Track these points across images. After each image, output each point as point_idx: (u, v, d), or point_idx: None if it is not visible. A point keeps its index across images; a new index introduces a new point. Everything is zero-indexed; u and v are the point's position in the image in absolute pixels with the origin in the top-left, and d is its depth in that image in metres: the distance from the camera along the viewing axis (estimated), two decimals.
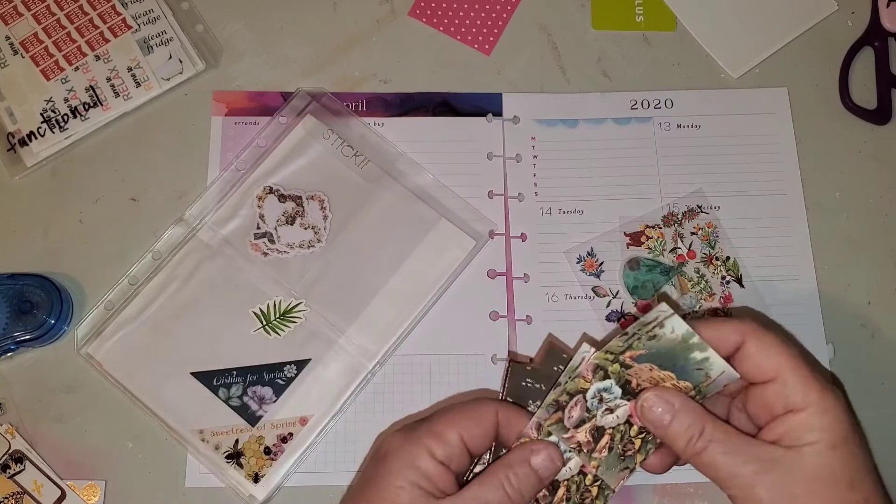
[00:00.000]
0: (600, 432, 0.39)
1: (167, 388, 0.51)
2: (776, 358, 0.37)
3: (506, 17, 0.60)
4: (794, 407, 0.36)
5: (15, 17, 0.57)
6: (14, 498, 0.49)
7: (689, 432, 0.36)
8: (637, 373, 0.38)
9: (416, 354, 0.52)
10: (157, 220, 0.54)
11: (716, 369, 0.38)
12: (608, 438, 0.39)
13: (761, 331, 0.37)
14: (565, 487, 0.39)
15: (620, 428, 0.39)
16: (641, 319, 0.38)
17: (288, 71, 0.58)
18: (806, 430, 0.35)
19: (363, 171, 0.55)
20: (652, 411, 0.37)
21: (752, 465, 0.35)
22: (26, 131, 0.55)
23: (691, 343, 0.37)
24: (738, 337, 0.37)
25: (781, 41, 0.59)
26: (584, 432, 0.39)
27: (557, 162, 0.56)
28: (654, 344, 0.38)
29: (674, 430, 0.37)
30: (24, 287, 0.51)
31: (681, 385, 0.38)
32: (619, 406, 0.39)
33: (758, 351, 0.37)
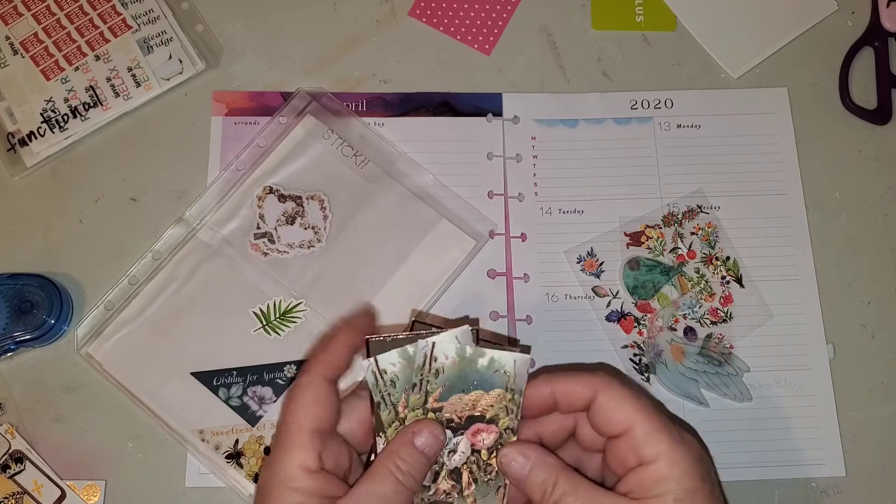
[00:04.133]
0: (457, 472, 0.39)
1: (167, 388, 0.51)
2: (627, 410, 0.37)
3: (506, 17, 0.60)
4: (644, 459, 0.36)
5: (15, 17, 0.57)
6: (14, 498, 0.49)
7: (543, 485, 0.37)
8: (451, 408, 0.39)
9: None
10: (157, 220, 0.54)
11: (508, 363, 0.38)
12: (467, 474, 0.39)
13: (612, 383, 0.38)
14: (467, 471, 0.40)
15: (472, 459, 0.39)
16: (416, 366, 0.38)
17: (288, 71, 0.58)
18: (655, 481, 0.35)
19: (363, 171, 0.55)
20: (511, 466, 0.38)
21: None
22: (26, 131, 0.55)
23: (469, 356, 0.38)
24: (589, 391, 0.38)
25: (781, 41, 0.59)
26: (445, 480, 0.39)
27: (557, 162, 0.56)
28: (444, 377, 0.38)
29: (531, 482, 0.37)
30: (24, 287, 0.51)
31: (493, 395, 0.38)
32: (458, 444, 0.39)
33: (609, 404, 0.37)
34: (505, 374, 0.38)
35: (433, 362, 0.38)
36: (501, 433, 0.39)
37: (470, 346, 0.38)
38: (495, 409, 0.39)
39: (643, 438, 0.36)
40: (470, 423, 0.39)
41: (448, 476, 0.39)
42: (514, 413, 0.39)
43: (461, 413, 0.39)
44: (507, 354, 0.38)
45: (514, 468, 0.38)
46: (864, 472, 0.51)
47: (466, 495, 0.39)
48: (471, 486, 0.39)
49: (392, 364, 0.38)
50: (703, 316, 0.53)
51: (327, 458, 0.37)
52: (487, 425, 0.39)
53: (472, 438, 0.39)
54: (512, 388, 0.38)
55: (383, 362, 0.38)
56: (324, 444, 0.37)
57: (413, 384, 0.39)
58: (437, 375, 0.38)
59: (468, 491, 0.39)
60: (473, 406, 0.39)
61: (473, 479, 0.39)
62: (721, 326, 0.53)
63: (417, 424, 0.39)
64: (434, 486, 0.39)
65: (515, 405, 0.39)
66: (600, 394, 0.37)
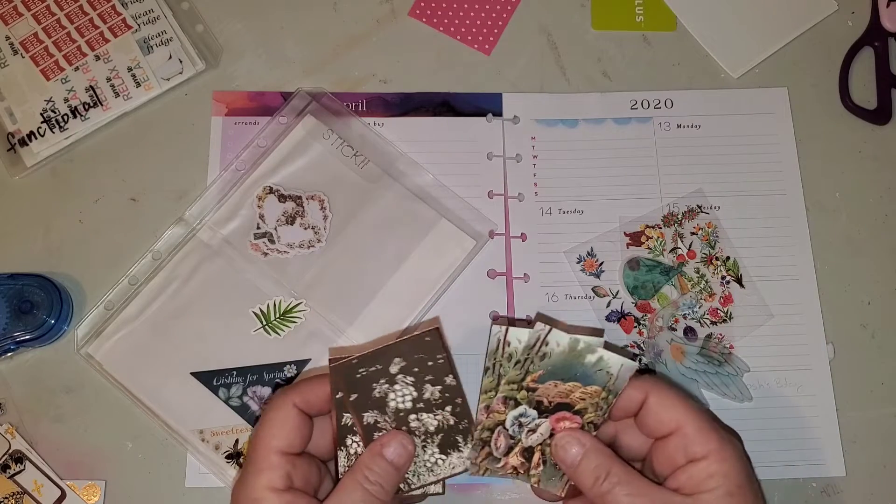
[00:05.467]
0: (530, 451, 0.41)
1: (167, 388, 0.51)
2: (676, 411, 0.39)
3: (506, 17, 0.60)
4: (694, 456, 0.38)
5: (15, 17, 0.57)
6: (14, 498, 0.49)
7: (596, 472, 0.38)
8: (544, 392, 0.40)
9: None
10: (157, 220, 0.54)
11: (614, 365, 0.39)
12: (539, 454, 0.41)
13: (662, 386, 0.40)
14: (539, 452, 0.41)
15: (547, 442, 0.40)
16: (525, 343, 0.39)
17: (288, 71, 0.58)
18: (705, 477, 0.37)
19: (363, 171, 0.55)
20: (564, 450, 0.39)
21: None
22: (26, 131, 0.55)
23: (580, 349, 0.39)
24: (640, 394, 0.39)
25: (781, 41, 0.59)
26: (515, 456, 0.40)
27: (557, 162, 0.56)
28: (549, 362, 0.39)
29: (582, 469, 0.38)
30: (24, 287, 0.51)
31: (589, 390, 0.39)
32: (539, 425, 0.40)
33: (659, 405, 0.39)
34: (607, 374, 0.39)
35: (544, 346, 0.39)
36: (584, 426, 0.40)
37: (583, 342, 0.39)
38: (586, 403, 0.40)
39: (693, 436, 0.38)
40: (558, 409, 0.40)
41: (520, 453, 0.40)
42: (602, 411, 0.40)
43: (552, 398, 0.40)
44: (615, 357, 0.39)
45: (568, 453, 0.39)
46: (864, 472, 0.51)
47: (532, 474, 0.41)
48: (539, 467, 0.40)
49: (518, 340, 0.39)
50: (703, 316, 0.53)
51: (296, 477, 0.38)
52: (573, 415, 0.40)
53: (555, 424, 0.40)
54: (609, 389, 0.39)
55: (511, 336, 0.39)
56: (292, 464, 0.39)
57: (517, 361, 0.39)
58: (543, 359, 0.39)
59: (535, 471, 0.41)
60: (567, 395, 0.40)
61: (543, 461, 0.40)
62: (721, 326, 0.53)
63: (386, 436, 0.40)
64: (504, 460, 0.40)
65: (606, 405, 0.40)
66: (651, 395, 0.39)
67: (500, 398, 0.40)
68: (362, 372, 0.40)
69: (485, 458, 0.41)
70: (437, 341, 0.40)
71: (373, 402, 0.40)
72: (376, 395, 0.40)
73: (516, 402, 0.40)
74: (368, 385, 0.40)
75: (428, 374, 0.40)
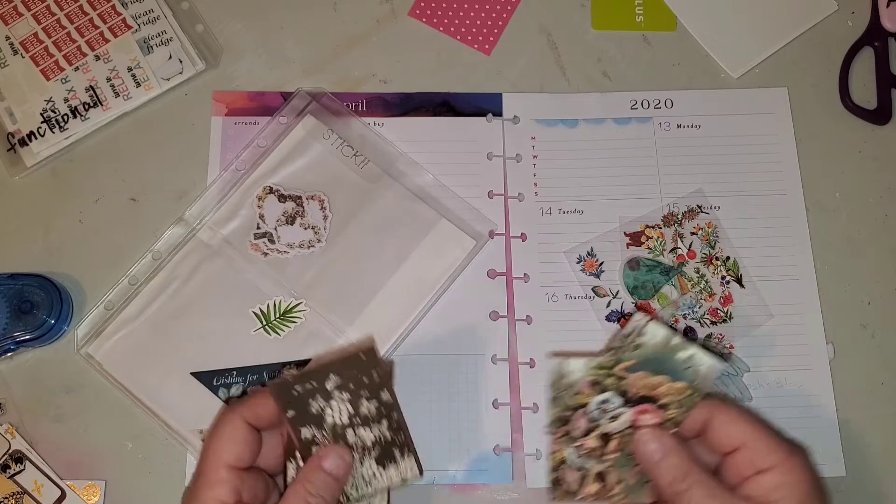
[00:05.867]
0: (607, 437, 0.41)
1: (167, 388, 0.51)
2: (742, 426, 0.39)
3: (506, 17, 0.60)
4: (762, 468, 0.38)
5: (15, 17, 0.57)
6: (14, 498, 0.49)
7: (675, 471, 0.39)
8: (633, 382, 0.41)
9: (416, 354, 0.52)
10: (157, 220, 0.54)
11: (704, 365, 0.40)
12: (616, 442, 0.41)
13: (726, 404, 0.40)
14: (617, 440, 0.41)
15: (626, 432, 0.41)
16: (622, 332, 0.41)
17: (288, 71, 0.58)
18: (773, 487, 0.38)
19: (363, 171, 0.55)
20: (646, 446, 0.40)
21: None
22: (26, 131, 0.55)
23: (673, 345, 0.40)
24: (704, 413, 0.40)
25: (781, 41, 0.59)
26: (593, 439, 0.41)
27: (557, 162, 0.56)
28: (641, 352, 0.41)
29: (663, 467, 0.39)
30: (24, 287, 0.51)
31: (676, 386, 0.40)
32: (622, 413, 0.41)
33: (724, 423, 0.40)
34: (695, 373, 0.40)
35: (640, 336, 0.40)
36: (664, 421, 0.40)
37: (678, 338, 0.40)
38: (672, 398, 0.40)
39: (760, 450, 0.39)
40: (642, 401, 0.41)
41: (598, 437, 0.41)
42: (685, 408, 0.40)
43: (639, 389, 0.41)
44: (706, 357, 0.40)
45: (649, 449, 0.40)
46: (864, 472, 0.51)
47: (606, 459, 0.41)
48: (614, 454, 0.41)
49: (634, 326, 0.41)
50: (703, 316, 0.53)
51: (245, 491, 0.39)
52: (656, 409, 0.41)
53: (637, 415, 0.41)
54: (696, 387, 0.40)
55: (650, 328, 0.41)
56: (241, 478, 0.39)
57: (611, 347, 0.41)
58: (636, 349, 0.40)
59: (611, 457, 0.41)
60: (654, 388, 0.41)
61: (620, 448, 0.41)
62: (721, 326, 0.53)
63: (324, 450, 0.40)
64: (582, 440, 0.41)
65: (690, 402, 0.40)
66: (716, 414, 0.40)
67: (587, 381, 0.41)
68: (298, 389, 0.41)
69: (562, 436, 0.42)
70: (373, 358, 0.41)
71: (310, 418, 0.41)
72: (313, 411, 0.41)
73: (603, 388, 0.41)
74: (305, 401, 0.41)
75: (363, 390, 0.41)
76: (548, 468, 0.42)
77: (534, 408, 0.52)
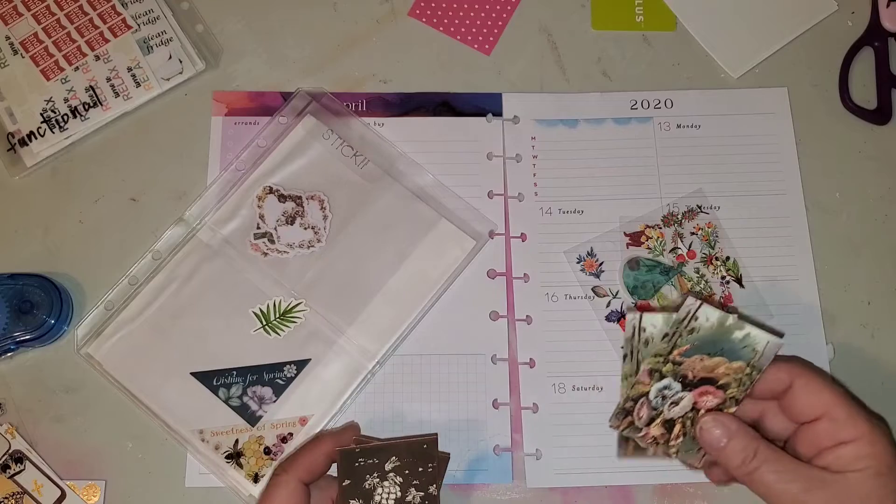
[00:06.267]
0: (671, 423, 0.41)
1: (167, 388, 0.51)
2: (824, 396, 0.39)
3: (506, 17, 0.60)
4: (843, 440, 0.38)
5: (15, 17, 0.57)
6: (14, 498, 0.49)
7: (743, 453, 0.39)
8: (690, 366, 0.40)
9: (416, 354, 0.52)
10: (157, 220, 0.54)
11: (760, 342, 0.40)
12: (680, 426, 0.41)
13: (809, 372, 0.40)
14: (680, 424, 0.41)
15: (689, 415, 0.41)
16: (675, 318, 0.40)
17: (288, 71, 0.58)
18: (855, 458, 0.38)
19: (363, 171, 0.55)
20: (710, 433, 0.40)
21: (802, 483, 0.38)
22: (26, 131, 0.55)
23: (728, 325, 0.40)
24: (787, 378, 0.40)
25: (781, 41, 0.59)
26: (657, 427, 0.41)
27: (557, 162, 0.56)
28: (696, 336, 0.40)
29: (729, 451, 0.39)
30: (24, 287, 0.51)
31: (734, 366, 0.40)
32: (682, 398, 0.41)
33: (806, 390, 0.40)
34: (753, 351, 0.40)
35: (693, 320, 0.40)
36: (726, 400, 0.41)
37: (732, 318, 0.40)
38: (730, 378, 0.40)
39: (843, 421, 0.39)
40: (701, 383, 0.41)
41: (662, 424, 0.41)
42: (744, 387, 0.40)
43: (697, 372, 0.40)
44: (763, 334, 0.40)
45: (714, 435, 0.40)
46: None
47: (671, 445, 0.42)
48: (679, 439, 0.42)
49: (653, 325, 0.41)
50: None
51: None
52: (716, 390, 0.40)
53: (698, 397, 0.41)
54: (754, 365, 0.40)
55: (646, 321, 0.40)
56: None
57: (665, 333, 0.40)
58: (691, 333, 0.40)
59: (675, 442, 0.42)
60: (712, 370, 0.40)
61: (684, 433, 0.41)
62: None
63: None
64: (645, 430, 0.42)
65: (750, 380, 0.40)
66: (798, 380, 0.40)
67: (645, 370, 0.41)
68: (361, 461, 0.42)
69: (627, 426, 0.42)
70: (433, 451, 0.43)
71: (361, 493, 0.42)
72: (366, 486, 0.42)
73: (661, 375, 0.41)
74: (363, 475, 0.42)
75: (416, 479, 0.42)
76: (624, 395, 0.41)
77: (534, 408, 0.52)
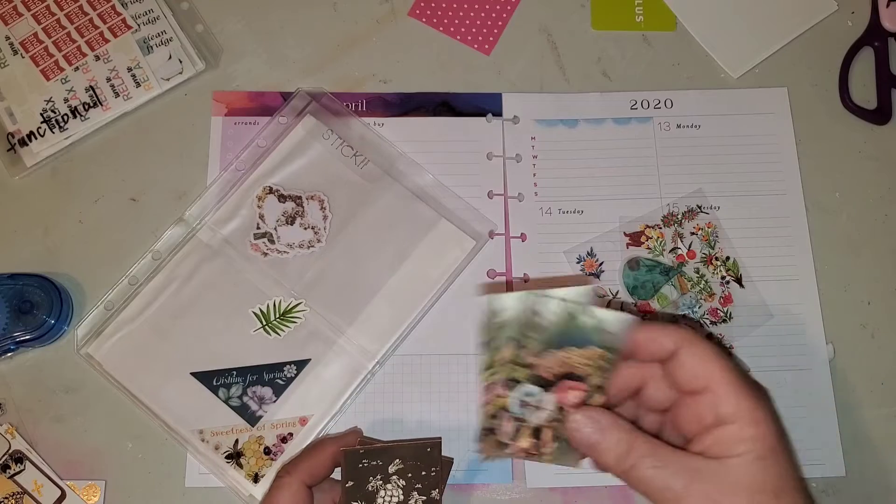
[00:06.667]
0: (538, 431, 0.39)
1: (167, 388, 0.51)
2: (710, 367, 0.36)
3: (506, 17, 0.60)
4: (725, 418, 0.36)
5: (15, 17, 0.57)
6: (14, 498, 0.49)
7: (618, 448, 0.36)
8: (544, 365, 0.38)
9: (416, 354, 0.52)
10: (157, 220, 0.54)
11: (611, 324, 0.37)
12: (550, 432, 0.39)
13: (696, 340, 0.37)
14: (550, 429, 0.39)
15: (557, 418, 0.39)
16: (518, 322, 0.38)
17: (288, 71, 0.58)
18: (735, 441, 0.35)
19: (363, 171, 0.55)
20: (581, 432, 0.37)
21: (682, 477, 0.35)
22: (26, 131, 0.55)
23: (573, 312, 0.37)
24: (672, 344, 0.37)
25: (781, 41, 0.59)
26: (525, 439, 0.39)
27: (557, 162, 0.56)
28: (544, 333, 0.38)
29: (604, 448, 0.37)
30: (24, 287, 0.51)
31: (589, 353, 0.38)
32: (545, 401, 0.39)
33: (691, 360, 0.37)
34: (606, 334, 0.38)
35: (535, 317, 0.38)
36: (590, 391, 0.38)
37: (574, 304, 0.37)
38: (589, 366, 0.38)
39: (724, 397, 0.36)
40: (560, 380, 0.38)
41: (530, 434, 0.39)
42: (607, 372, 0.38)
43: (553, 370, 0.38)
44: (612, 315, 0.37)
45: (585, 434, 0.37)
46: (864, 472, 0.51)
47: (544, 454, 0.39)
48: (551, 445, 0.39)
49: (505, 309, 0.38)
50: (703, 316, 0.53)
51: None
52: (577, 383, 0.38)
53: (561, 395, 0.38)
54: (610, 348, 0.38)
55: (496, 303, 0.38)
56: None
57: (512, 338, 0.38)
58: (537, 330, 0.38)
59: (547, 449, 0.39)
60: (566, 363, 0.38)
61: (555, 437, 0.39)
62: (721, 326, 0.53)
63: None
64: (513, 445, 0.39)
65: (609, 364, 0.38)
66: (684, 348, 0.37)
67: (500, 381, 0.39)
68: (365, 463, 0.42)
69: (493, 446, 0.40)
70: (437, 455, 0.43)
71: (364, 495, 0.42)
72: (369, 488, 0.42)
73: (517, 382, 0.39)
74: (366, 477, 0.42)
75: (418, 483, 0.42)
76: (481, 417, 0.39)
77: None
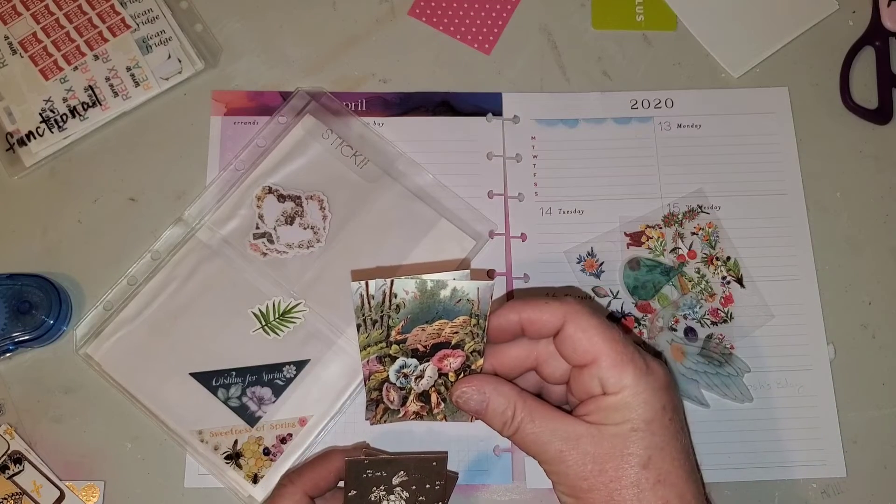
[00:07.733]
0: (426, 395, 0.41)
1: (166, 388, 0.51)
2: (594, 340, 0.37)
3: (506, 17, 0.60)
4: (609, 390, 0.37)
5: (14, 17, 0.57)
6: (13, 499, 0.49)
7: (503, 414, 0.38)
8: (414, 340, 0.40)
9: None
10: (156, 220, 0.54)
11: (471, 291, 0.38)
12: (435, 395, 0.41)
13: (581, 313, 0.38)
14: (435, 392, 0.41)
15: (439, 382, 0.41)
16: (374, 304, 0.39)
17: (287, 71, 0.58)
18: (615, 409, 0.36)
19: (363, 171, 0.55)
20: (468, 403, 0.39)
21: (559, 441, 0.37)
22: (25, 131, 0.55)
23: (430, 288, 0.38)
24: (557, 320, 0.38)
25: (782, 41, 0.59)
26: (413, 403, 0.41)
27: (557, 162, 0.56)
28: (405, 311, 0.39)
29: (490, 414, 0.38)
30: (23, 287, 0.51)
31: (457, 322, 0.39)
32: (424, 370, 0.41)
33: (576, 334, 0.37)
34: (469, 302, 0.39)
35: (393, 298, 0.38)
36: (468, 356, 0.40)
37: (430, 279, 0.38)
38: (460, 335, 0.39)
39: (609, 369, 0.37)
40: (436, 350, 0.40)
41: (416, 399, 0.41)
42: (479, 337, 0.40)
43: (426, 342, 0.40)
44: (469, 283, 0.38)
45: (471, 405, 0.39)
46: (865, 472, 0.51)
47: (436, 413, 0.42)
48: (440, 405, 0.42)
49: (382, 292, 0.39)
50: (704, 316, 0.53)
51: None
52: (453, 350, 0.40)
53: (439, 363, 0.40)
54: (476, 314, 0.39)
55: (373, 288, 0.38)
56: None
57: (374, 320, 0.39)
58: (398, 310, 0.39)
59: (438, 409, 0.42)
60: (438, 335, 0.40)
61: (442, 399, 0.41)
62: (721, 327, 0.53)
63: None
64: (403, 409, 0.41)
65: (480, 329, 0.39)
66: (568, 323, 0.38)
67: (373, 359, 0.40)
68: (369, 473, 0.42)
69: (383, 413, 0.42)
70: (441, 469, 0.42)
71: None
72: (372, 498, 0.42)
73: (392, 358, 0.40)
74: (369, 487, 0.42)
75: (422, 496, 0.42)
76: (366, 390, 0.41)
77: None
